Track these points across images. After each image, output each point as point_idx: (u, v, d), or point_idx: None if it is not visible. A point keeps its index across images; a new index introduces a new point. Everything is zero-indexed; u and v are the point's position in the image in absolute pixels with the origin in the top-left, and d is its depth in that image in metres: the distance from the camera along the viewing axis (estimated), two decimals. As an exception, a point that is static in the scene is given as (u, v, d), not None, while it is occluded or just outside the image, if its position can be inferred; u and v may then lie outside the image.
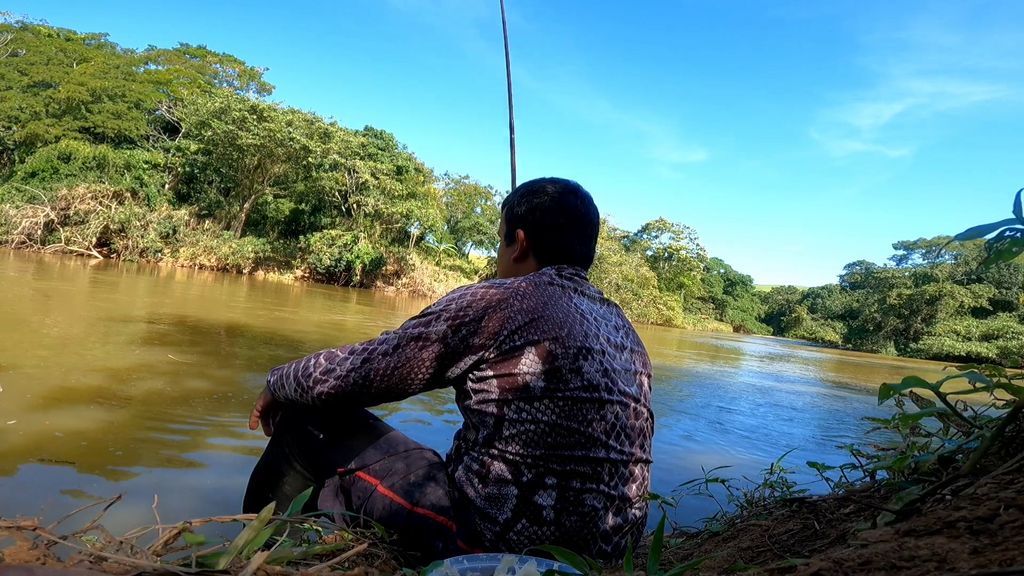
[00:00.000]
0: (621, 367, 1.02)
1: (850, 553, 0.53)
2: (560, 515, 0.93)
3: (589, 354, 0.96)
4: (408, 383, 0.96)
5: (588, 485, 0.94)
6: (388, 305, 17.14)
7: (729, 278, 66.41)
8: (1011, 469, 0.70)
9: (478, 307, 0.94)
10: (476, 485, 0.95)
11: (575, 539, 0.95)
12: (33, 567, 0.46)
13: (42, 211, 19.82)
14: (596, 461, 0.95)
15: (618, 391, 0.99)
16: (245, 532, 0.60)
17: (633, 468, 1.03)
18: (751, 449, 3.71)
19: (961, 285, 42.32)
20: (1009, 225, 0.67)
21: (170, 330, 5.57)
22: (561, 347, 0.93)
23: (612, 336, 1.05)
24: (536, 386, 0.92)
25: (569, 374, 0.93)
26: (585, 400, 0.94)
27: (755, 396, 6.64)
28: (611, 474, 0.98)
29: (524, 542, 0.92)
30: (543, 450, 0.92)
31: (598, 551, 1.00)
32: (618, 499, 0.99)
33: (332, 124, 26.47)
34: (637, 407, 1.04)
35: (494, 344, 0.93)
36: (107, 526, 0.67)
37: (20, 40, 28.04)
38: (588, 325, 0.99)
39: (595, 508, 0.95)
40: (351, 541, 0.94)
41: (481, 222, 38.11)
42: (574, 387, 0.93)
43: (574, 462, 0.93)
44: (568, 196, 1.12)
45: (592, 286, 1.14)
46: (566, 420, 0.93)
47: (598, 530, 0.97)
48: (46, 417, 2.41)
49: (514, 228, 1.13)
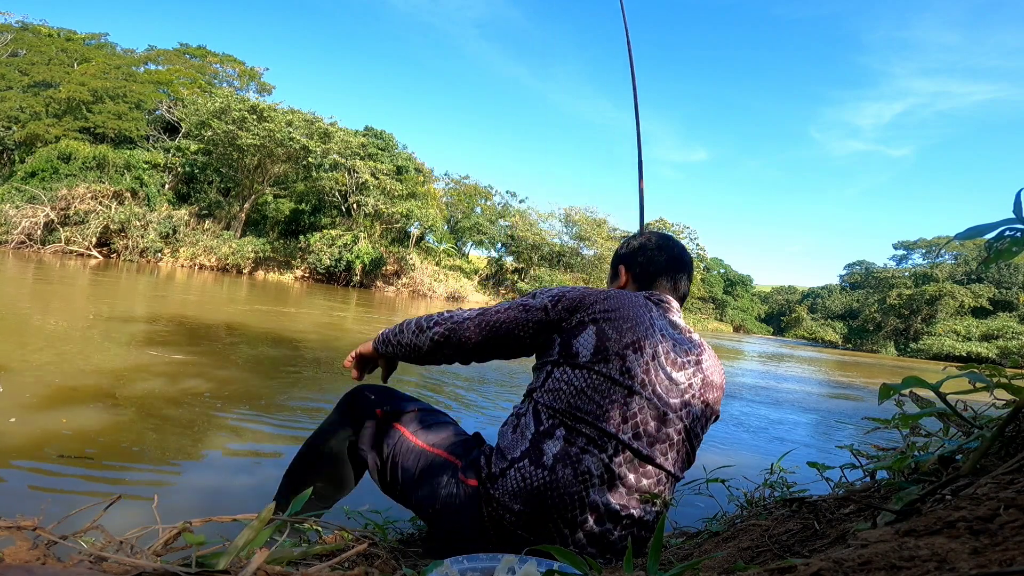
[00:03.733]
0: (669, 377, 1.10)
1: (850, 553, 0.53)
2: (557, 463, 1.03)
3: (640, 350, 1.07)
4: (511, 337, 1.15)
5: (591, 448, 1.03)
6: (388, 305, 17.14)
7: (729, 278, 66.35)
8: (1011, 469, 0.70)
9: (575, 294, 1.13)
10: (509, 427, 1.12)
11: (562, 492, 1.02)
12: (33, 567, 0.46)
13: (42, 211, 19.81)
14: (605, 433, 1.04)
15: (653, 391, 1.07)
16: (245, 532, 0.60)
17: (648, 467, 1.07)
18: (751, 449, 3.71)
19: (961, 285, 42.28)
20: (1009, 225, 0.67)
21: (170, 330, 5.57)
22: (616, 333, 1.07)
23: (677, 354, 1.12)
24: (583, 356, 1.07)
25: (613, 356, 1.06)
26: (617, 382, 1.05)
27: (755, 396, 6.64)
28: (616, 451, 1.04)
29: (519, 479, 1.04)
30: (564, 406, 1.06)
31: (583, 524, 1.03)
32: (619, 480, 1.04)
33: (332, 124, 26.45)
34: (672, 416, 1.09)
35: (573, 318, 1.10)
36: (107, 526, 0.67)
37: (20, 40, 28.03)
38: (653, 333, 1.10)
39: (590, 471, 1.02)
40: (351, 541, 0.94)
41: (481, 222, 38.12)
42: (612, 368, 1.05)
43: (585, 424, 1.04)
44: (665, 240, 1.32)
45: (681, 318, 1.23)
46: (593, 391, 1.05)
47: (587, 495, 1.02)
48: (46, 417, 2.41)
49: (617, 265, 1.33)
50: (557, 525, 1.03)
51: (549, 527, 1.03)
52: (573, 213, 36.39)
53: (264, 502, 0.72)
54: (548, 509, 1.02)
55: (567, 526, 1.03)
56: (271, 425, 2.75)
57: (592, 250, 36.15)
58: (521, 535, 1.04)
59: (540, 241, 35.21)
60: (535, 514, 1.03)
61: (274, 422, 2.81)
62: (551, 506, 1.02)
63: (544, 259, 35.85)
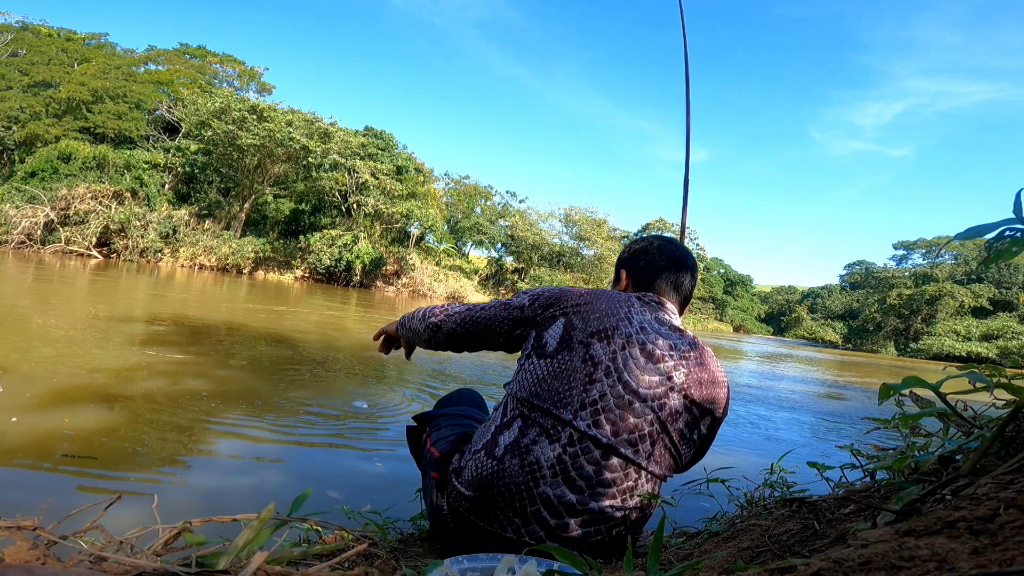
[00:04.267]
0: (642, 368, 1.07)
1: (850, 553, 0.53)
2: (506, 454, 1.05)
3: (608, 339, 1.07)
4: (489, 332, 1.21)
5: (542, 439, 1.04)
6: (388, 305, 17.14)
7: (729, 278, 66.30)
8: (1011, 469, 0.70)
9: (553, 291, 1.18)
10: (483, 423, 1.17)
11: (508, 483, 1.03)
12: (33, 567, 0.46)
13: (42, 211, 19.81)
14: (560, 421, 1.04)
15: (618, 379, 1.05)
16: (245, 532, 0.60)
17: (612, 459, 1.03)
18: (751, 449, 3.71)
19: (961, 285, 42.26)
20: (1009, 225, 0.67)
21: (170, 330, 5.58)
22: (583, 323, 1.09)
23: (657, 348, 1.10)
24: (551, 346, 1.09)
25: (578, 345, 1.07)
26: (579, 370, 1.05)
27: (755, 396, 6.64)
28: (572, 441, 1.03)
29: (473, 468, 1.07)
30: (526, 395, 1.08)
31: (536, 515, 1.02)
32: (576, 472, 1.02)
33: (332, 124, 26.45)
34: (639, 406, 1.05)
35: (547, 313, 1.14)
36: (107, 526, 0.67)
37: (20, 40, 28.03)
38: (628, 325, 1.10)
39: (538, 462, 1.03)
40: (351, 541, 0.94)
41: (481, 222, 38.11)
42: (576, 356, 1.06)
43: (540, 412, 1.06)
44: (667, 243, 1.32)
45: (675, 317, 1.21)
46: (553, 378, 1.07)
47: (535, 487, 1.02)
48: (47, 417, 2.41)
49: (619, 269, 1.34)
50: (507, 515, 1.03)
51: (499, 516, 1.04)
52: (573, 213, 36.37)
53: (264, 502, 0.72)
54: (495, 498, 1.04)
55: (517, 516, 1.03)
56: (271, 425, 2.75)
57: (592, 250, 36.12)
58: (474, 522, 1.06)
59: (540, 241, 35.20)
60: (483, 502, 1.05)
61: (274, 422, 2.81)
62: (497, 495, 1.03)
63: (544, 259, 35.84)
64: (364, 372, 4.83)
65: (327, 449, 2.53)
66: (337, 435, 2.76)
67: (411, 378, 4.72)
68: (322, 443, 2.59)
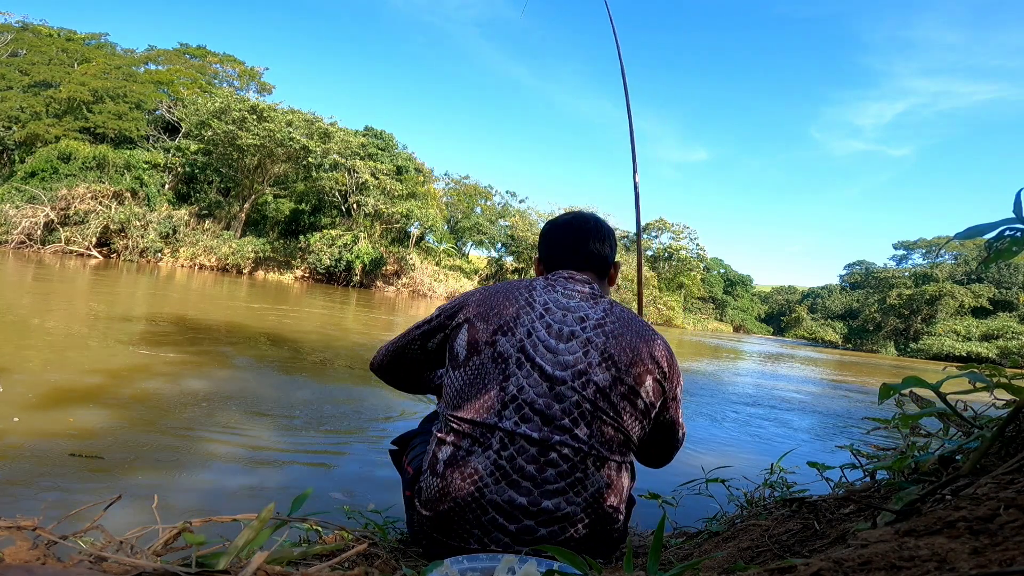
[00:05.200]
0: (553, 349, 1.05)
1: (850, 553, 0.53)
2: (447, 470, 1.04)
3: (510, 331, 1.06)
4: (407, 355, 1.23)
5: (474, 448, 1.03)
6: (388, 305, 17.14)
7: (729, 278, 66.36)
8: (1011, 469, 0.70)
9: (459, 298, 1.17)
10: (431, 438, 1.14)
11: (455, 496, 1.02)
12: (33, 567, 0.46)
13: (42, 211, 19.81)
14: (487, 427, 1.03)
15: (532, 366, 1.03)
16: (245, 532, 0.60)
17: (551, 453, 1.00)
18: (751, 449, 3.71)
19: (961, 285, 42.27)
20: (1009, 224, 0.67)
21: (170, 330, 5.58)
22: (484, 323, 1.08)
23: (563, 325, 1.08)
24: (460, 355, 1.09)
25: (484, 346, 1.06)
26: (491, 370, 1.05)
27: (755, 396, 6.64)
28: (504, 444, 1.01)
29: (424, 489, 1.07)
30: (450, 411, 1.08)
31: (494, 523, 0.99)
32: (518, 473, 0.99)
33: (332, 124, 26.47)
34: (563, 389, 1.02)
35: (452, 323, 1.14)
36: (107, 526, 0.67)
37: (20, 40, 28.03)
38: (528, 311, 1.09)
39: (477, 471, 1.01)
40: (351, 541, 0.94)
41: (481, 222, 38.12)
42: (485, 357, 1.06)
43: (465, 423, 1.05)
44: (560, 220, 1.29)
45: (586, 286, 1.16)
46: (470, 386, 1.06)
47: (483, 497, 1.00)
48: (47, 417, 2.41)
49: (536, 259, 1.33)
50: (465, 528, 1.01)
51: (459, 531, 1.02)
52: (573, 213, 36.29)
53: (264, 502, 0.72)
54: (450, 515, 1.02)
55: (476, 528, 1.00)
56: (271, 426, 2.75)
57: (592, 250, 36.02)
58: (440, 539, 1.05)
59: (540, 241, 35.14)
60: (441, 520, 1.04)
61: (274, 423, 2.81)
62: (450, 512, 1.02)
63: (544, 259, 35.79)
64: (364, 372, 4.83)
65: (327, 449, 2.53)
66: (337, 435, 2.76)
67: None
68: (322, 443, 2.59)
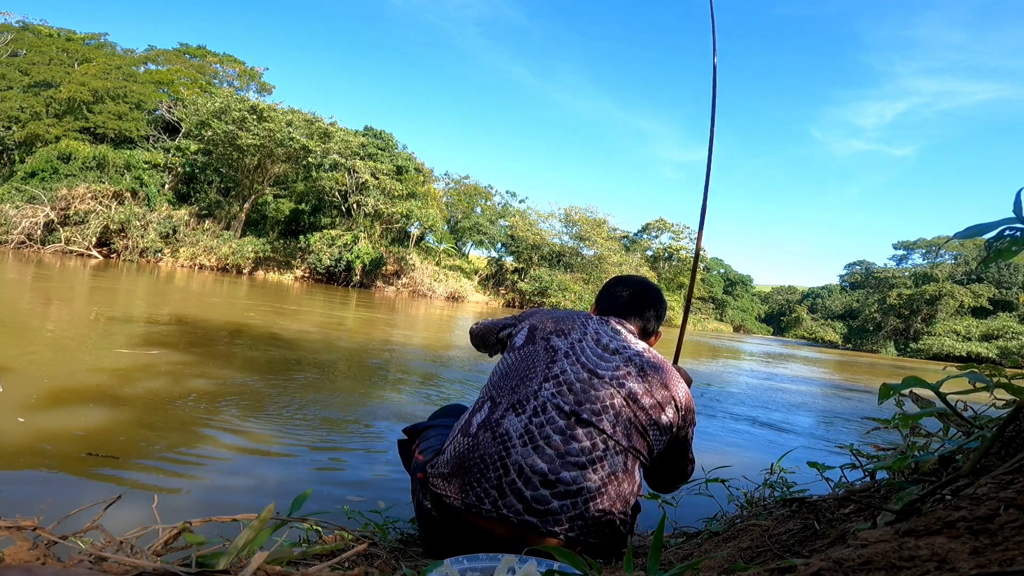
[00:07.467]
0: (596, 355, 1.21)
1: (850, 553, 0.53)
2: (480, 430, 1.15)
3: (564, 335, 1.25)
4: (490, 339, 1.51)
5: (509, 413, 1.14)
6: (388, 305, 17.14)
7: (729, 278, 66.28)
8: (1011, 469, 0.70)
9: (531, 310, 1.42)
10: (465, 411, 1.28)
11: (482, 453, 1.11)
12: (33, 567, 0.46)
13: (42, 211, 19.81)
14: (526, 395, 1.15)
15: (577, 359, 1.19)
16: (245, 532, 0.60)
17: (578, 429, 1.10)
18: (751, 449, 3.71)
19: (961, 285, 42.23)
20: (1009, 224, 0.67)
21: (170, 330, 5.58)
22: (542, 324, 1.30)
23: (610, 341, 1.25)
24: (518, 342, 1.29)
25: (540, 339, 1.26)
26: (541, 356, 1.22)
27: (755, 396, 6.64)
28: (536, 412, 1.12)
29: (451, 450, 1.17)
30: (496, 381, 1.23)
31: (512, 486, 1.06)
32: (545, 441, 1.09)
33: (332, 124, 26.45)
34: (604, 377, 1.17)
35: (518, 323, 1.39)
36: (107, 526, 0.67)
37: (20, 40, 28.01)
38: (584, 327, 1.27)
39: (508, 432, 1.11)
40: (351, 541, 0.94)
41: (481, 222, 38.11)
42: (539, 347, 1.24)
43: (508, 390, 1.18)
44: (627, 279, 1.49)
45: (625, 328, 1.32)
46: (520, 363, 1.23)
47: (508, 456, 1.09)
48: (50, 417, 2.41)
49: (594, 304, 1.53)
50: (483, 487, 1.08)
51: (476, 489, 1.09)
52: (573, 213, 36.36)
53: (264, 502, 0.72)
54: (471, 470, 1.10)
55: (494, 488, 1.07)
56: (271, 425, 2.75)
57: (592, 250, 36.11)
58: (453, 505, 1.10)
59: (540, 241, 35.19)
60: (460, 475, 1.11)
61: (274, 422, 2.81)
62: (473, 466, 1.10)
63: (544, 259, 35.82)
64: (364, 373, 4.84)
65: (327, 449, 2.53)
66: (337, 436, 2.76)
67: (410, 379, 4.72)
68: (322, 443, 2.59)
